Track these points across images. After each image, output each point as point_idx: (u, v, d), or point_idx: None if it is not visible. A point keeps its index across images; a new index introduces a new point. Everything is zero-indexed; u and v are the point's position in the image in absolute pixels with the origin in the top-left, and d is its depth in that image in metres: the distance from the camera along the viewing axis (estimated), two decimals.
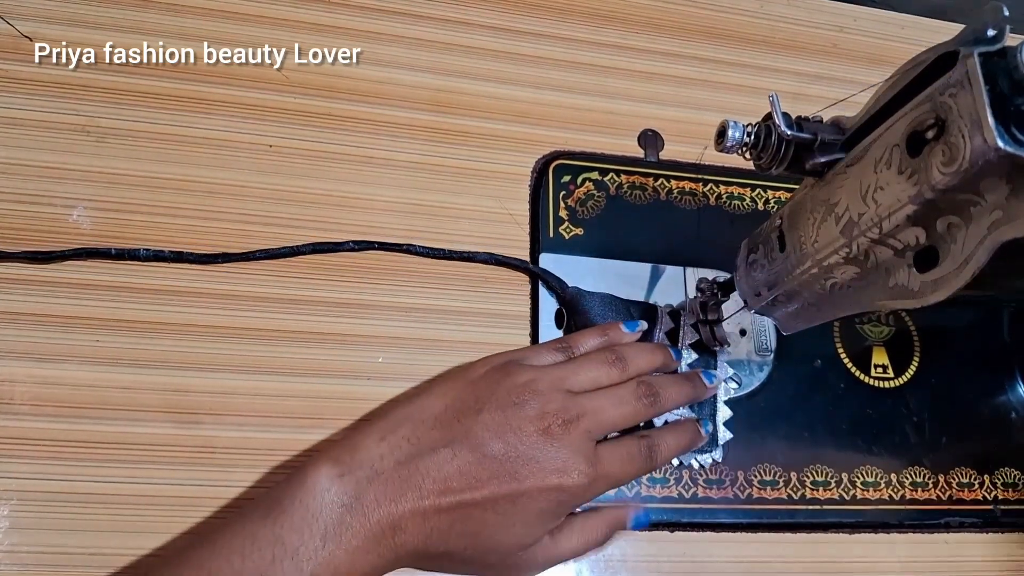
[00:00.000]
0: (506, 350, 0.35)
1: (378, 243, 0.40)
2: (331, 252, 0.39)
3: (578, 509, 0.34)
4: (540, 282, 0.41)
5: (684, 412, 0.38)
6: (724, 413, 0.39)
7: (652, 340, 0.39)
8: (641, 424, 0.35)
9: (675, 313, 0.41)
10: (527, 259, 0.42)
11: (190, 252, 0.38)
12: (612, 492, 0.37)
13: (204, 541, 0.28)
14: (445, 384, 0.33)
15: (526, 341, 0.41)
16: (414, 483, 0.29)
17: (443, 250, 0.40)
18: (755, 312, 0.35)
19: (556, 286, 0.41)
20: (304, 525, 0.28)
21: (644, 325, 0.39)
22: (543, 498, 0.30)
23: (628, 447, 0.33)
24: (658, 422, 0.37)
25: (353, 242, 0.39)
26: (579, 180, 0.44)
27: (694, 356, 0.40)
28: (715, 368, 0.40)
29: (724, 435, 0.39)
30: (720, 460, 0.39)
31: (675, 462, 0.39)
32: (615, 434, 0.34)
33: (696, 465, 0.39)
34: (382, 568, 0.29)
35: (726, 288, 0.37)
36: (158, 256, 0.37)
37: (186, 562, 0.27)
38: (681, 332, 0.39)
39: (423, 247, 0.40)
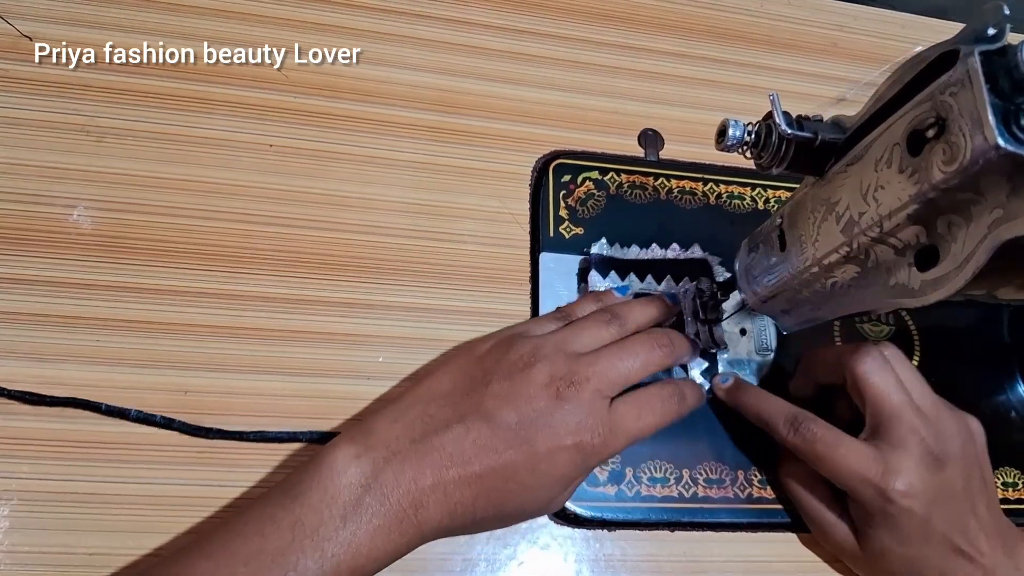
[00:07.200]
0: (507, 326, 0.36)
1: None
2: None
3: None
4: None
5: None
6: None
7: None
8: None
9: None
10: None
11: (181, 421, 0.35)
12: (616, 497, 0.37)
13: (224, 525, 0.28)
14: (452, 362, 0.33)
15: None
16: (431, 460, 0.29)
17: None
18: (755, 311, 0.35)
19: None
20: (323, 506, 0.28)
21: (632, 289, 0.41)
22: (561, 461, 0.31)
23: (644, 396, 0.33)
24: None
25: None
26: (579, 179, 0.44)
27: (704, 364, 0.40)
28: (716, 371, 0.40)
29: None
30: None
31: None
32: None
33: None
34: (406, 547, 0.29)
35: (726, 288, 0.37)
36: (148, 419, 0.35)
37: (208, 544, 0.28)
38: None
39: None
